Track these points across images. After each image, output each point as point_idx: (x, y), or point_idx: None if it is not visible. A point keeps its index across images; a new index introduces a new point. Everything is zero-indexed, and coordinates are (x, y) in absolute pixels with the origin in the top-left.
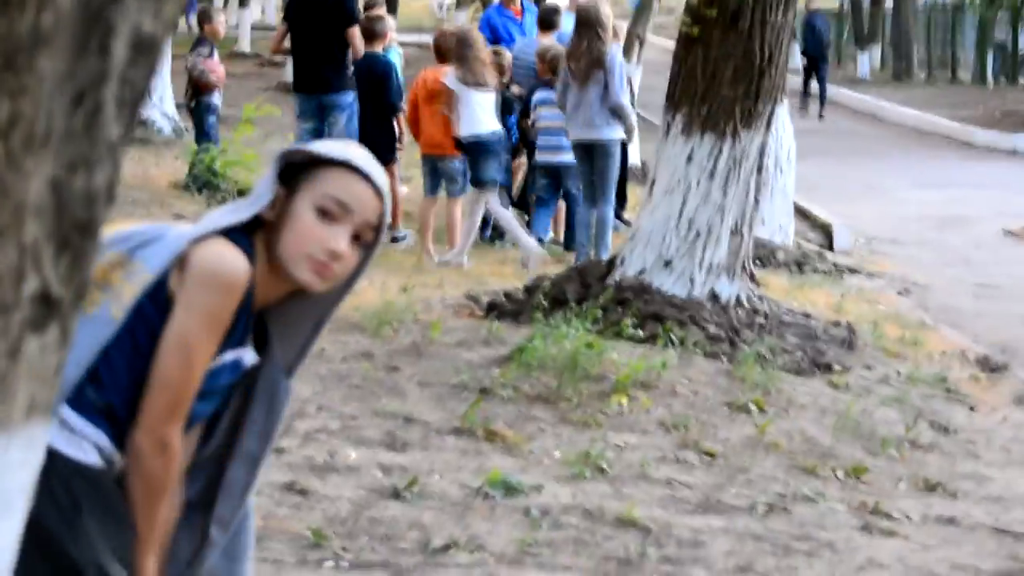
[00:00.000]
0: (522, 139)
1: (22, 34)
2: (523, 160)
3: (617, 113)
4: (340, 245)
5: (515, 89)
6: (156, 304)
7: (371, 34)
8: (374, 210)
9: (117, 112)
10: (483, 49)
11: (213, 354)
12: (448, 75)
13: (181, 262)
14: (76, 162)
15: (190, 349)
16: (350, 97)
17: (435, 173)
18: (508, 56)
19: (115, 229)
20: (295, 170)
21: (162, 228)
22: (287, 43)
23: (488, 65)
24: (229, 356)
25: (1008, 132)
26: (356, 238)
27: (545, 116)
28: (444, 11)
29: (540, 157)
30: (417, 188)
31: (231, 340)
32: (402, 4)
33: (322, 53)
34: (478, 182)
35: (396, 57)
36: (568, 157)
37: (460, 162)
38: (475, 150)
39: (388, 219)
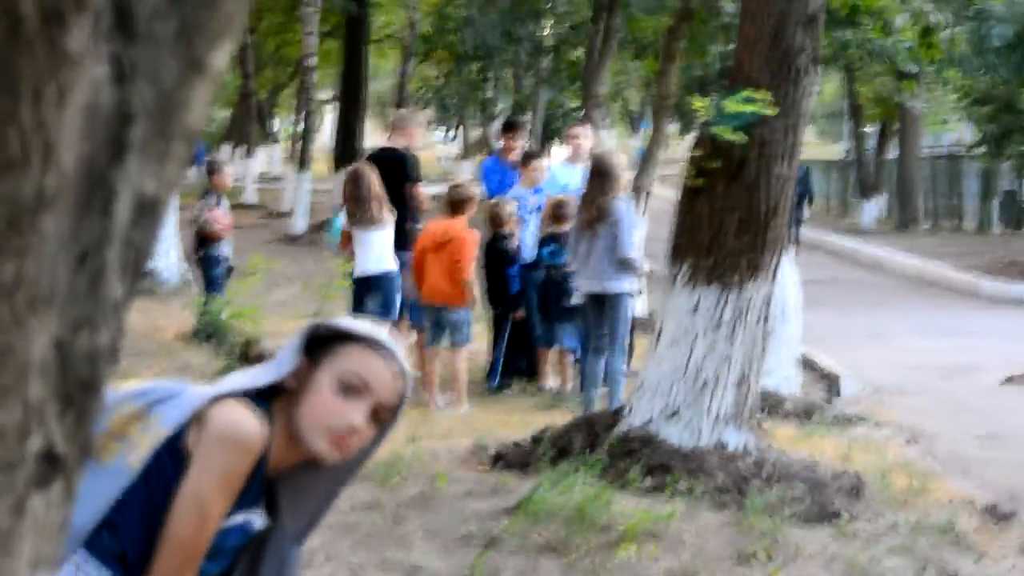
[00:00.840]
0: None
1: (26, 196)
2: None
3: (626, 265)
4: (357, 420)
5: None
6: (173, 459)
7: None
8: (394, 391)
9: (120, 273)
10: (375, 187)
11: (225, 514)
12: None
13: (199, 420)
14: (80, 322)
15: (204, 507)
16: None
17: (438, 324)
18: (509, 207)
19: (134, 384)
20: (321, 342)
21: (181, 386)
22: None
23: (383, 203)
24: (239, 518)
25: (1013, 281)
26: (375, 414)
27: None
28: (450, 162)
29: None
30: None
31: (243, 502)
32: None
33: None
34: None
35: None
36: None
37: (464, 312)
38: (365, 287)
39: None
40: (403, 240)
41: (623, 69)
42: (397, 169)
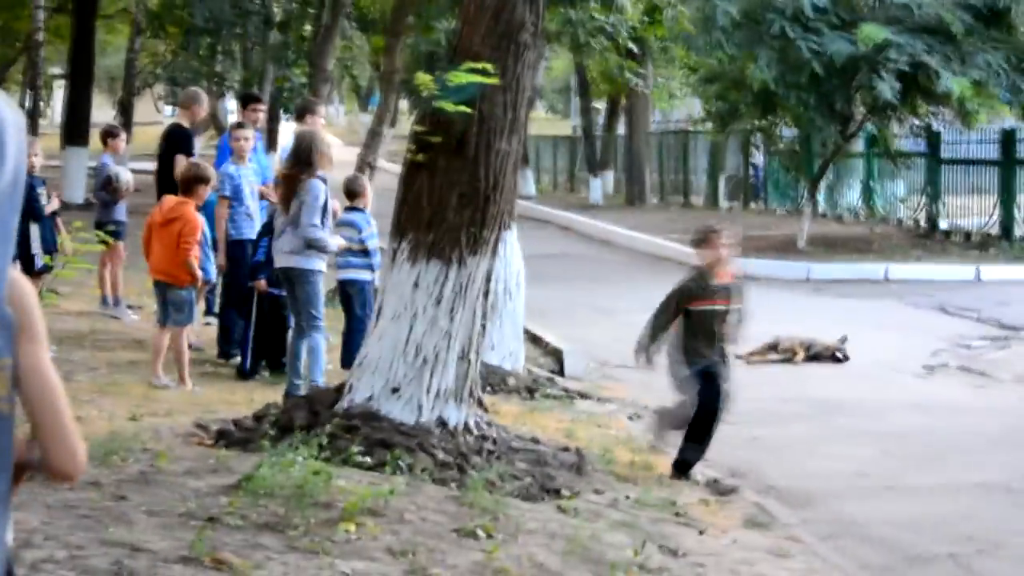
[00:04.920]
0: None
1: None
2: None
3: (310, 244)
4: None
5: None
6: None
7: None
8: None
9: None
10: None
11: None
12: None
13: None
14: None
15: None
16: None
17: (164, 301)
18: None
19: None
20: None
21: None
22: None
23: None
24: None
25: (739, 257)
26: None
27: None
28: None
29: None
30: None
31: None
32: (138, 131)
33: None
34: None
35: None
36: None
37: (188, 292)
38: None
39: None
40: None
41: (351, 44)
42: (178, 145)
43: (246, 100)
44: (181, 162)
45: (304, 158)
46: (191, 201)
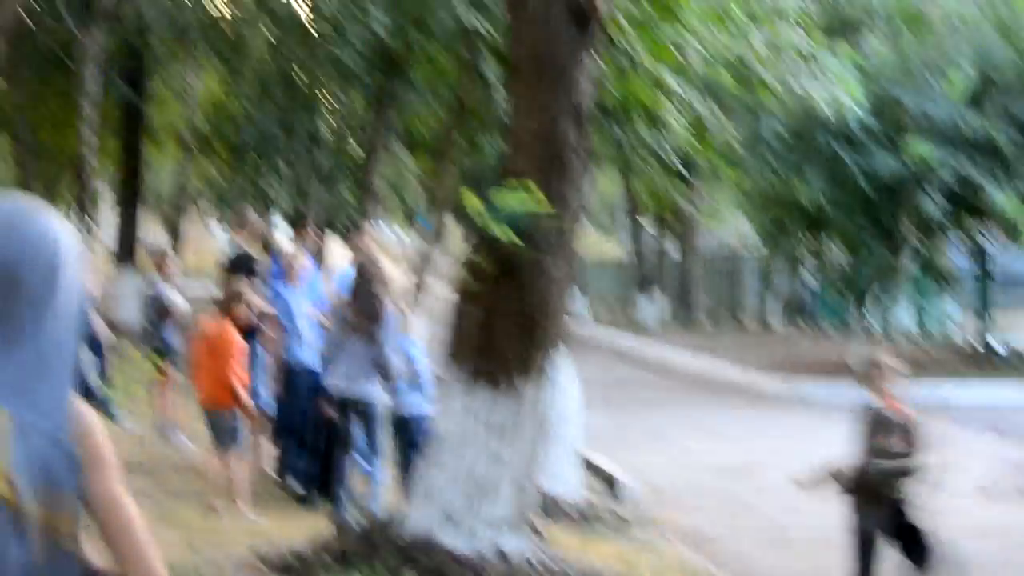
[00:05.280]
0: None
1: None
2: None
3: (382, 369)
4: None
5: None
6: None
7: None
8: None
9: None
10: None
11: None
12: None
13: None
14: None
15: None
16: None
17: (213, 427)
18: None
19: None
20: None
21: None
22: None
23: None
24: None
25: (794, 380)
26: None
27: None
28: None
29: None
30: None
31: None
32: (188, 252)
33: None
34: None
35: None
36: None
37: (234, 415)
38: None
39: None
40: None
41: (400, 165)
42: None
43: (298, 221)
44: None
45: (370, 290)
46: (231, 322)
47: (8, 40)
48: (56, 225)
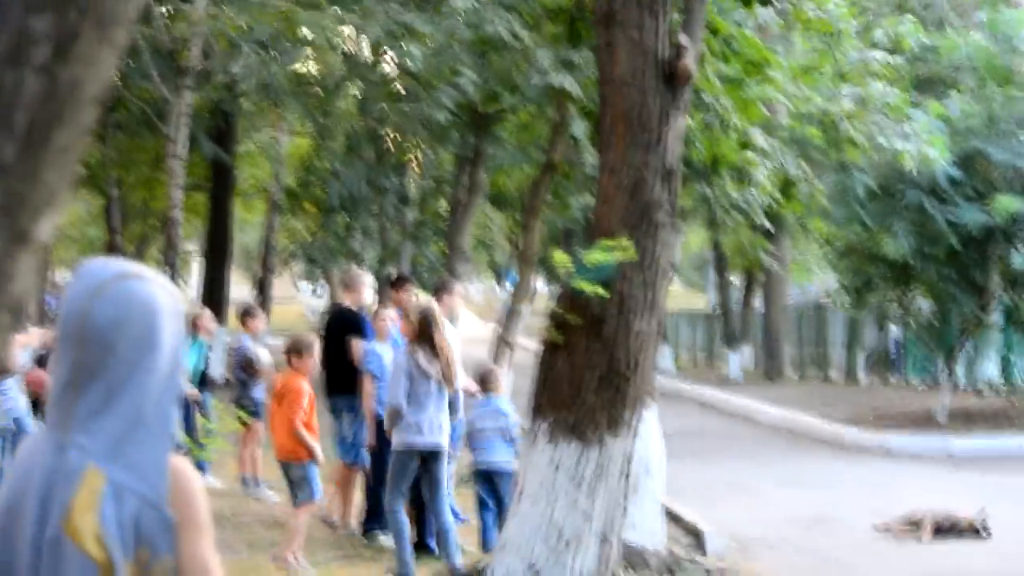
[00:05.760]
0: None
1: None
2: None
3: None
4: None
5: None
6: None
7: None
8: None
9: None
10: None
11: None
12: None
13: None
14: None
15: None
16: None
17: (288, 479)
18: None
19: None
20: None
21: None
22: None
23: None
24: None
25: (878, 432)
26: None
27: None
28: (317, 317)
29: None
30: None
31: None
32: (276, 309)
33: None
34: None
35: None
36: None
37: (305, 466)
38: None
39: None
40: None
41: (487, 222)
42: (351, 327)
43: (398, 282)
44: (358, 345)
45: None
46: (297, 373)
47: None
48: (152, 286)
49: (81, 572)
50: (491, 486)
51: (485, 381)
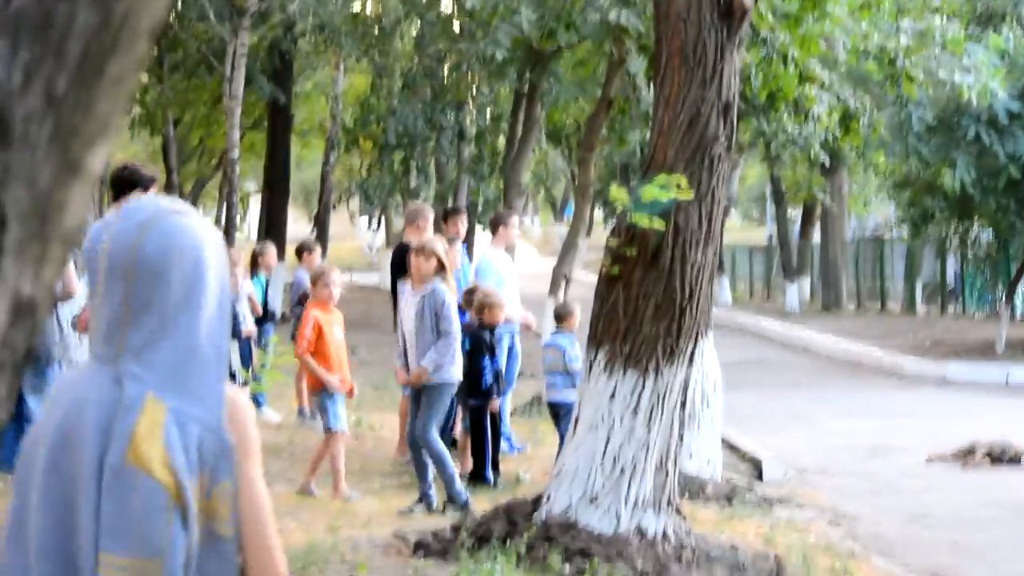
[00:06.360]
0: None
1: None
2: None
3: None
4: None
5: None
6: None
7: None
8: None
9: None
10: None
11: None
12: None
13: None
14: None
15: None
16: None
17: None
18: (498, 299)
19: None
20: None
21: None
22: None
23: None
24: None
25: (936, 361)
26: None
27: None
28: (375, 252)
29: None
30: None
31: None
32: (333, 245)
33: None
34: None
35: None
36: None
37: (323, 395)
38: None
39: None
40: None
41: (544, 158)
42: None
43: (448, 214)
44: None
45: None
46: (313, 304)
47: (155, 41)
48: (199, 224)
49: (148, 498)
50: (556, 419)
51: (559, 317)
